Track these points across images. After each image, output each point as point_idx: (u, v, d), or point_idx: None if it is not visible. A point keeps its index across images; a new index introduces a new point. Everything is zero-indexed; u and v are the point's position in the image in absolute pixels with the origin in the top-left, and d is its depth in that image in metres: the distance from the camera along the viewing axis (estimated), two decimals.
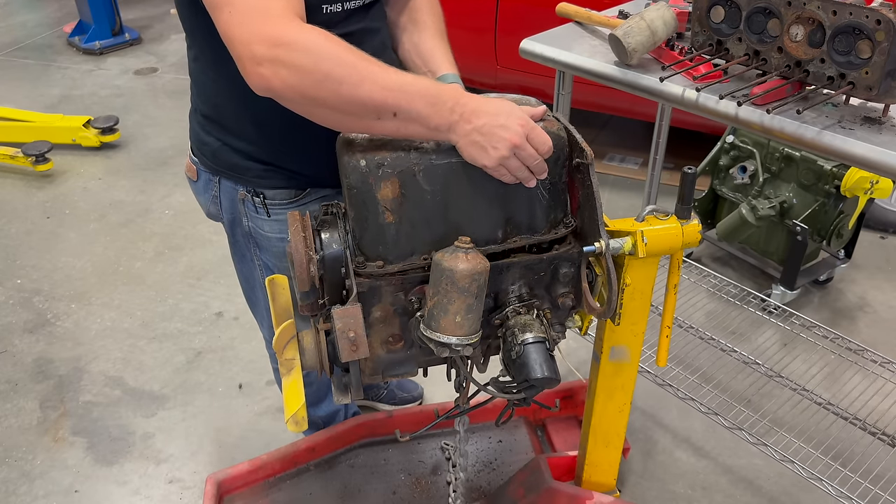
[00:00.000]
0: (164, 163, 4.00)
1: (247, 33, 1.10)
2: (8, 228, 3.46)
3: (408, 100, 1.12)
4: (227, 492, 1.89)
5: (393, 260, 1.21)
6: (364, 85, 1.11)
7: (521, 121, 1.15)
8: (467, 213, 1.21)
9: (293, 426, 1.22)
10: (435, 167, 1.17)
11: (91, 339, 2.80)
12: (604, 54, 1.76)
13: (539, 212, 1.24)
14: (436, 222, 1.20)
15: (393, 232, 1.19)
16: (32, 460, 2.32)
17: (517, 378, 1.20)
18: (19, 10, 6.24)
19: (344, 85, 1.10)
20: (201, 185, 1.59)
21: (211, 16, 1.17)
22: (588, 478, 1.76)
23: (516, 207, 1.23)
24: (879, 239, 3.27)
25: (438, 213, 1.20)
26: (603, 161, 3.86)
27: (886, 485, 2.02)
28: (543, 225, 1.26)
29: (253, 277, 1.70)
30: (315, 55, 1.10)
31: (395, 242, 1.20)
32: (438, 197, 1.18)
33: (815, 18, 1.42)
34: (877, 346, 2.52)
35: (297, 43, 1.09)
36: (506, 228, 1.24)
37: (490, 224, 1.23)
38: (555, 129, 1.21)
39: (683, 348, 2.52)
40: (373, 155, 1.16)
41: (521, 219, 1.24)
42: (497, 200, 1.21)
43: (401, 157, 1.16)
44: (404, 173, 1.16)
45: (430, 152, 1.17)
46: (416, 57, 1.52)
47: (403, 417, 2.08)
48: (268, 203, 1.51)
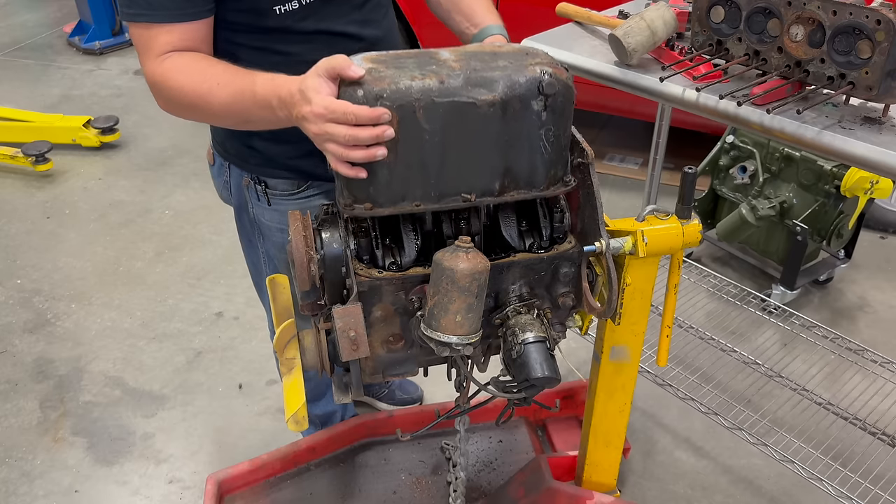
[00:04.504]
0: (164, 163, 4.00)
1: (143, 71, 1.32)
2: (8, 228, 3.46)
3: (247, 110, 1.23)
4: (228, 491, 1.89)
5: (383, 203, 1.15)
6: (212, 107, 1.27)
7: (315, 109, 1.09)
8: (466, 159, 1.15)
9: (293, 425, 1.22)
10: (436, 105, 1.10)
11: (91, 339, 2.80)
12: (604, 54, 1.76)
13: (540, 165, 1.19)
14: (432, 166, 1.14)
15: (385, 172, 1.13)
16: (32, 460, 2.32)
17: (517, 377, 1.20)
18: (19, 10, 6.24)
19: (199, 111, 1.30)
20: (216, 169, 1.65)
21: None
22: (588, 478, 1.76)
23: (517, 157, 1.17)
24: (879, 239, 3.27)
25: (435, 157, 1.14)
26: (603, 161, 3.86)
27: (886, 485, 2.02)
28: (543, 180, 1.21)
29: (260, 263, 1.73)
30: (174, 91, 1.28)
31: (386, 184, 1.14)
32: (437, 138, 1.12)
33: (815, 18, 1.42)
34: (877, 346, 2.52)
35: (159, 83, 1.29)
36: (504, 180, 1.19)
37: (488, 173, 1.18)
38: (563, 78, 1.16)
39: (683, 348, 2.52)
40: (372, 86, 1.09)
41: (520, 170, 1.19)
42: (498, 148, 1.16)
43: (401, 90, 1.09)
44: (404, 108, 1.09)
45: (433, 89, 1.10)
46: (456, 14, 1.52)
47: (404, 417, 2.08)
48: (269, 192, 1.55)
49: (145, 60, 1.30)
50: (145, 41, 1.29)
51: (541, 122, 1.16)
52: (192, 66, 1.28)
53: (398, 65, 1.13)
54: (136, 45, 1.31)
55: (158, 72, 1.28)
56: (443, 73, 1.12)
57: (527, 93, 1.13)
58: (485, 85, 1.12)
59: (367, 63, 1.12)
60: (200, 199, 3.64)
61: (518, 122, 1.15)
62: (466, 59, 1.15)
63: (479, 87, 1.12)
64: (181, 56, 1.29)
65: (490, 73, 1.13)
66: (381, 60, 1.14)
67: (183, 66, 1.28)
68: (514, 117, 1.14)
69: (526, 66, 1.14)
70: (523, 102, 1.14)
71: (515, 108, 1.14)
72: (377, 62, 1.13)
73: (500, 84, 1.12)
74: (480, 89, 1.12)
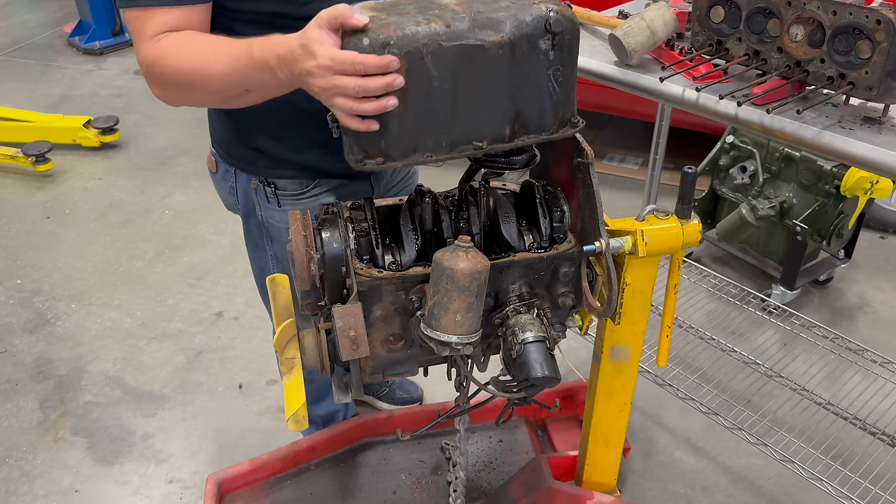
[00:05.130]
0: (164, 163, 4.00)
1: (137, 59, 1.29)
2: (8, 228, 3.46)
3: (245, 76, 1.18)
4: (228, 491, 1.89)
5: (395, 157, 1.12)
6: (209, 81, 1.22)
7: (321, 62, 1.05)
8: (475, 105, 1.12)
9: (293, 425, 1.22)
10: (445, 50, 1.07)
11: (91, 339, 2.80)
12: (604, 54, 1.76)
13: (549, 107, 1.16)
14: (442, 115, 1.11)
15: (396, 124, 1.09)
16: (32, 460, 2.32)
17: (517, 377, 1.20)
18: (19, 10, 6.24)
19: (196, 88, 1.25)
20: (220, 175, 1.63)
21: None
22: (588, 477, 1.76)
23: (527, 100, 1.14)
24: (879, 239, 3.27)
25: (446, 105, 1.10)
26: (603, 161, 3.86)
27: (886, 485, 2.02)
28: (553, 123, 1.18)
29: (268, 267, 1.72)
30: (169, 69, 1.24)
31: (398, 136, 1.11)
32: (447, 85, 1.09)
33: (815, 18, 1.42)
34: (877, 346, 2.52)
35: (155, 64, 1.25)
36: (514, 125, 1.16)
37: (499, 119, 1.14)
38: (569, 15, 1.13)
39: (683, 348, 2.52)
40: (377, 34, 1.05)
41: (530, 114, 1.16)
42: (508, 92, 1.13)
43: (408, 36, 1.05)
44: (412, 55, 1.05)
45: (440, 34, 1.07)
46: None
47: (404, 417, 2.08)
48: (279, 193, 1.54)
49: (141, 44, 1.26)
50: (141, 24, 1.25)
51: (549, 62, 1.13)
52: (187, 41, 1.25)
53: (399, 11, 1.10)
54: (132, 30, 1.27)
55: (153, 52, 1.25)
56: (447, 17, 1.08)
57: (534, 32, 1.10)
58: (491, 26, 1.09)
59: (368, 12, 1.09)
60: (200, 199, 3.64)
61: (526, 64, 1.12)
62: (468, 2, 1.13)
63: (486, 28, 1.09)
64: (176, 35, 1.25)
65: (495, 13, 1.10)
66: (381, 8, 1.11)
67: (178, 43, 1.24)
68: (522, 59, 1.11)
69: (530, 5, 1.12)
70: (531, 42, 1.10)
71: (523, 48, 1.10)
72: (377, 10, 1.10)
73: (507, 24, 1.09)
74: (487, 31, 1.09)
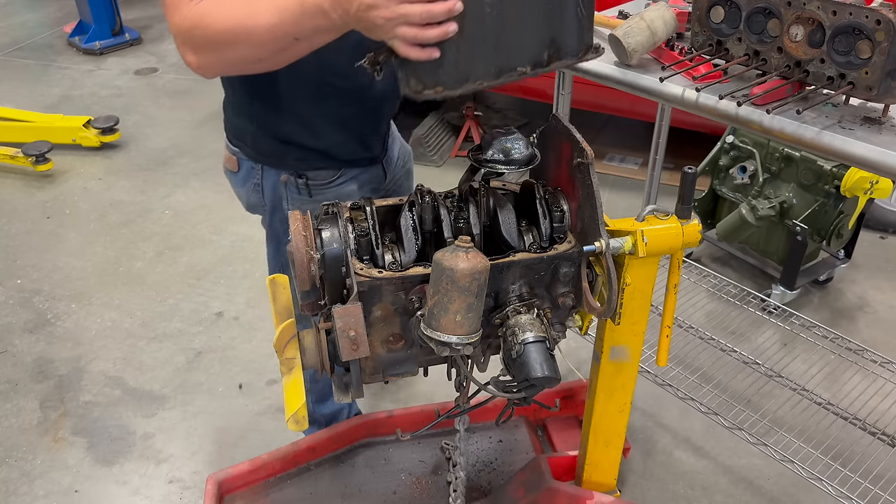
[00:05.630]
0: (164, 163, 4.00)
1: (172, 27, 1.24)
2: (8, 228, 3.46)
3: (295, 24, 1.16)
4: (228, 491, 1.89)
5: (451, 85, 1.15)
6: (254, 34, 1.19)
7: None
8: (518, 31, 1.17)
9: (293, 425, 1.22)
10: None
11: (91, 339, 2.80)
12: (604, 54, 1.76)
13: (577, 31, 1.22)
14: (491, 41, 1.15)
15: (454, 51, 1.12)
16: (32, 460, 2.32)
17: (517, 377, 1.20)
18: (19, 10, 6.25)
19: (240, 44, 1.20)
20: (242, 174, 1.64)
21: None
22: (588, 477, 1.76)
23: (560, 26, 1.20)
24: (879, 239, 3.27)
25: (494, 31, 1.14)
26: (603, 161, 3.86)
27: (886, 485, 2.02)
28: (580, 48, 1.24)
29: (289, 266, 1.72)
30: (211, 27, 1.20)
31: (455, 64, 1.13)
32: (496, 11, 1.13)
33: (815, 18, 1.42)
34: (877, 346, 2.52)
35: (194, 26, 1.21)
36: (550, 50, 1.21)
37: (537, 44, 1.20)
38: None
39: (683, 348, 2.52)
40: None
41: (563, 38, 1.21)
42: (545, 17, 1.18)
43: None
44: None
45: None
46: None
47: (404, 417, 2.08)
48: (310, 184, 1.58)
49: (177, 9, 1.23)
50: None
51: None
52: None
53: None
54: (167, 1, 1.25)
55: (194, 12, 1.21)
56: None
57: None
58: None
59: None
60: (200, 199, 3.64)
61: None
62: None
63: None
64: None
65: None
66: None
67: (219, 0, 1.22)
68: None
69: None
70: None
71: None
72: None
73: None
74: None
